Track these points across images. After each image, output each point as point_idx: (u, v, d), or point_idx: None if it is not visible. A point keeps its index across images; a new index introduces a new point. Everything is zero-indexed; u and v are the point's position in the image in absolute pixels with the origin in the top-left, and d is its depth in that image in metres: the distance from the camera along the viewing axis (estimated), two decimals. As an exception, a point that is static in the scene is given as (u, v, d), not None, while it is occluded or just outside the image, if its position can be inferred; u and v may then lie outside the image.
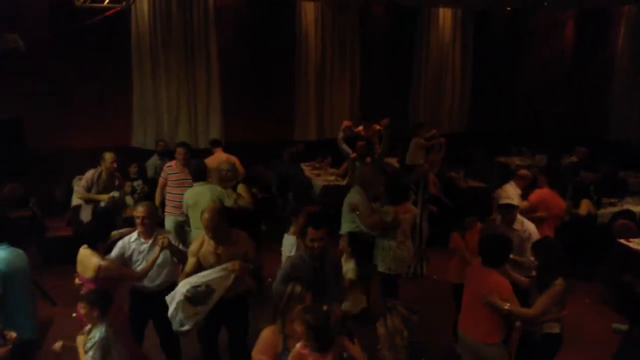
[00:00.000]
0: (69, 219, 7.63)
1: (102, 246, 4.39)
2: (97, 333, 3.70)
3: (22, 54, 8.14)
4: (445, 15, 11.69)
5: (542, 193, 6.07)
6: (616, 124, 10.34)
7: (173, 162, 6.80)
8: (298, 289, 3.37)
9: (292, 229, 5.12)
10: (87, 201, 6.80)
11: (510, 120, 11.91)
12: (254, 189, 7.35)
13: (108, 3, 8.36)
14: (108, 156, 6.77)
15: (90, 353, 3.66)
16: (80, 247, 4.37)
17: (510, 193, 6.02)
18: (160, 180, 6.83)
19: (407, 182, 8.94)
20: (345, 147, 7.43)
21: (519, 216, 5.13)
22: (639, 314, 5.64)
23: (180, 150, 6.76)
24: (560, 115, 11.36)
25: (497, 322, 3.98)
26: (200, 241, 4.38)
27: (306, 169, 9.39)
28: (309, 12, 10.61)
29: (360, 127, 8.82)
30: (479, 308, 4.00)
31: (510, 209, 5.08)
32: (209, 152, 9.89)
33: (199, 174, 5.99)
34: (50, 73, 8.77)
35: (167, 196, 6.59)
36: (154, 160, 8.74)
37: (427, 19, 11.58)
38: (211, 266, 4.22)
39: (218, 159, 7.59)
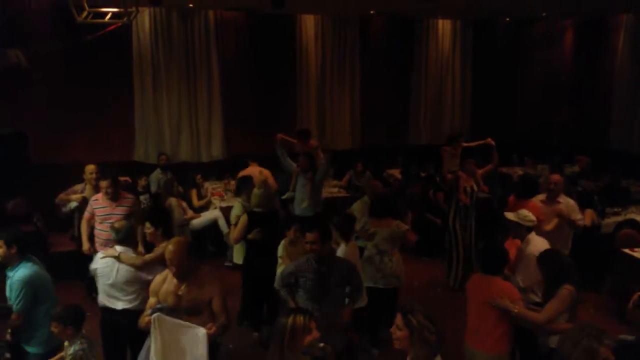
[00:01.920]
0: (73, 234, 7.61)
1: None
2: (73, 347, 3.75)
3: (24, 69, 8.20)
4: (444, 26, 11.76)
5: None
6: (617, 133, 10.35)
7: (99, 195, 5.96)
8: (300, 319, 3.18)
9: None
10: (60, 204, 6.85)
11: (511, 130, 11.91)
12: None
13: (110, 19, 8.40)
14: (88, 168, 6.66)
15: None
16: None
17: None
18: (85, 215, 6.07)
19: (410, 194, 9.01)
20: (288, 160, 7.21)
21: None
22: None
23: (104, 184, 5.87)
24: (561, 124, 11.37)
25: (504, 333, 3.96)
26: (162, 277, 3.93)
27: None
28: (309, 25, 10.68)
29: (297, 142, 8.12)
30: (487, 318, 3.98)
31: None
32: (209, 166, 9.94)
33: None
34: (52, 88, 8.84)
35: (95, 232, 5.90)
36: (156, 174, 8.74)
37: (426, 29, 11.64)
38: (169, 309, 3.74)
39: (251, 172, 7.62)
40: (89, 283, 6.68)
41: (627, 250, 6.50)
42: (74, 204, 6.74)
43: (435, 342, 2.96)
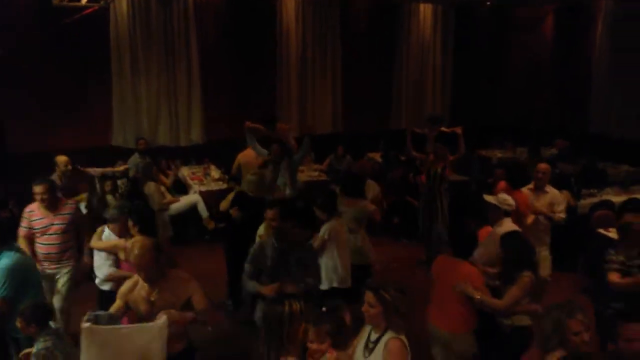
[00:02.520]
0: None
1: None
2: (36, 346, 3.64)
3: (2, 56, 8.06)
4: (425, 10, 11.74)
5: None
6: (596, 117, 10.45)
7: (34, 206, 5.11)
8: (297, 305, 3.04)
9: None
10: None
11: (491, 114, 12.00)
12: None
13: (87, 2, 8.29)
14: (60, 159, 6.51)
15: None
16: None
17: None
18: (21, 231, 5.06)
19: (390, 177, 9.04)
20: (259, 147, 7.04)
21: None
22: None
23: (39, 190, 5.01)
24: (541, 108, 11.46)
25: (468, 312, 4.01)
26: (133, 282, 3.60)
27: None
28: (289, 9, 10.59)
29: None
30: (450, 299, 4.04)
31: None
32: (188, 151, 9.87)
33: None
34: (28, 74, 8.68)
35: (36, 247, 5.09)
36: (134, 159, 8.66)
37: (407, 14, 11.61)
38: (141, 318, 3.47)
39: (250, 154, 7.58)
40: None
41: (601, 231, 6.58)
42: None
43: (406, 312, 3.01)
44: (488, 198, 4.98)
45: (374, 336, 3.10)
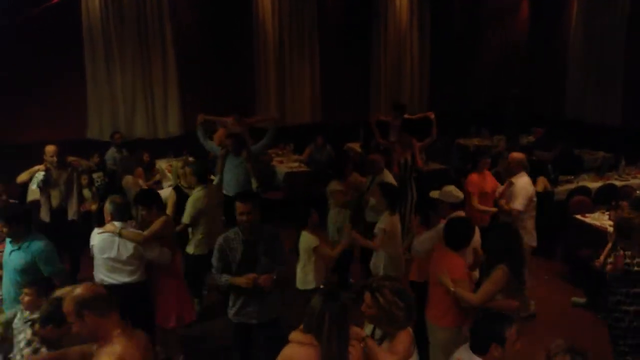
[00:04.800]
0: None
1: None
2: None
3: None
4: (402, -3, 11.71)
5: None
6: (571, 104, 10.57)
7: None
8: (348, 297, 2.90)
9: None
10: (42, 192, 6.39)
11: (469, 102, 12.07)
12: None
13: (56, -10, 8.09)
14: (48, 149, 6.37)
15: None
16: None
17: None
18: None
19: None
20: (210, 142, 6.98)
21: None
22: (596, 288, 5.85)
23: None
24: (517, 96, 11.55)
25: (451, 305, 3.94)
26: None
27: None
28: (265, -3, 10.46)
29: (230, 119, 7.80)
30: (436, 290, 4.04)
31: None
32: (166, 143, 9.74)
33: (204, 176, 5.80)
34: (0, 65, 8.43)
35: None
36: (112, 153, 8.53)
37: (383, 2, 11.56)
38: None
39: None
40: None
41: (579, 216, 6.69)
42: (40, 174, 6.30)
43: (405, 317, 2.96)
44: (432, 194, 4.97)
45: (378, 333, 3.11)
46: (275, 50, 10.72)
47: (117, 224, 4.54)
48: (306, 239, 4.85)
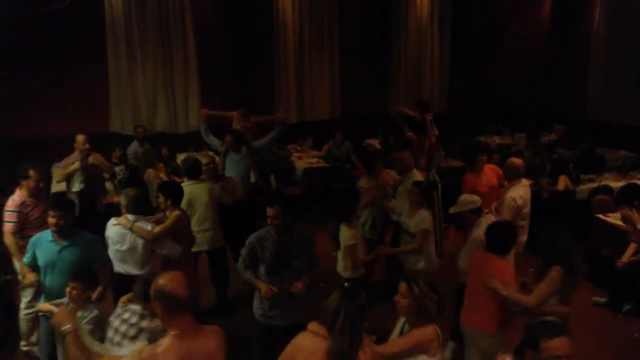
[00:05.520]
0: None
1: None
2: (89, 313, 3.73)
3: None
4: (422, -7, 11.65)
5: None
6: (593, 102, 10.44)
7: (24, 197, 4.94)
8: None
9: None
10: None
11: (489, 99, 11.97)
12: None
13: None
14: (79, 138, 6.65)
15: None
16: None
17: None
18: (10, 227, 4.83)
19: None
20: (212, 138, 7.00)
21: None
22: (618, 287, 5.81)
23: (33, 174, 4.92)
24: (539, 94, 11.45)
25: (497, 311, 3.87)
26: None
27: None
28: (286, -6, 10.49)
29: (236, 113, 8.10)
30: (479, 296, 3.95)
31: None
32: (186, 137, 9.83)
33: (194, 171, 5.63)
34: (25, 59, 8.58)
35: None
36: (134, 147, 8.61)
37: (404, -2, 11.51)
38: None
39: None
40: None
41: (600, 216, 6.62)
42: (77, 165, 6.58)
43: (435, 311, 3.04)
44: (452, 210, 4.83)
45: (407, 328, 3.17)
46: (295, 46, 10.74)
47: (130, 217, 4.59)
48: (345, 234, 4.92)
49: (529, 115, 10.80)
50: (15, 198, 4.93)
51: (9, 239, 4.82)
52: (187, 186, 5.44)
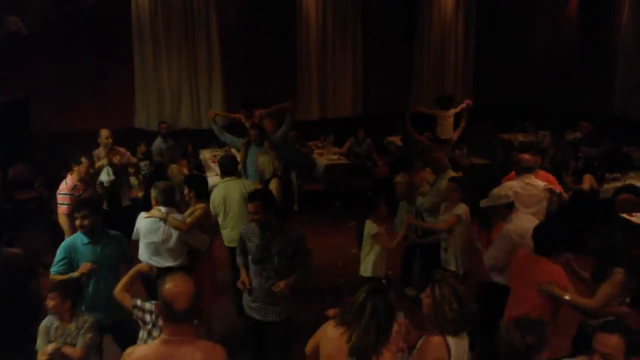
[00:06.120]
0: (75, 200, 7.68)
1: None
2: (83, 323, 3.69)
3: (25, 36, 8.20)
4: (447, -11, 11.56)
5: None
6: (621, 99, 10.27)
7: (75, 181, 5.55)
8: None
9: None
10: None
11: (513, 96, 11.82)
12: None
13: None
14: (103, 132, 6.83)
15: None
16: None
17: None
18: (64, 209, 5.39)
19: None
20: (228, 136, 7.05)
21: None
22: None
23: (85, 161, 5.64)
24: (564, 91, 11.29)
25: (546, 315, 3.65)
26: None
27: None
28: (309, -12, 10.50)
29: (239, 115, 8.19)
30: (526, 301, 3.74)
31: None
32: (209, 133, 9.92)
33: (229, 168, 5.64)
34: (52, 55, 8.81)
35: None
36: (158, 143, 8.74)
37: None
38: None
39: None
40: None
41: (625, 215, 6.52)
42: (105, 161, 6.76)
43: (453, 321, 2.83)
44: (483, 203, 4.69)
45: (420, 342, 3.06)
46: (317, 43, 10.75)
47: (163, 209, 4.63)
48: (368, 226, 4.89)
49: (554, 112, 10.66)
50: (68, 182, 5.44)
51: (63, 220, 5.31)
52: (223, 183, 5.54)
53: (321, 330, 2.98)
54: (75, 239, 4.16)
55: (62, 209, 5.33)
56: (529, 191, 5.25)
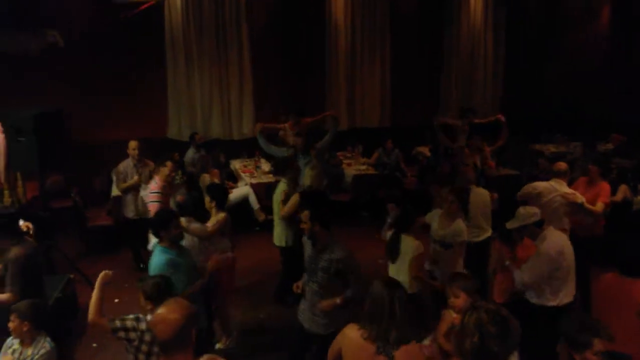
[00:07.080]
0: (109, 209, 7.89)
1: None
2: (39, 349, 3.66)
3: (64, 49, 8.50)
4: (476, 0, 11.54)
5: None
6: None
7: (162, 182, 5.99)
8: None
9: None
10: (126, 190, 6.97)
11: (544, 106, 11.71)
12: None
13: (143, -3, 8.64)
14: (131, 144, 7.02)
15: None
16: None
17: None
18: (156, 206, 5.74)
19: (439, 171, 8.99)
20: (273, 147, 7.13)
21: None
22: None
23: (169, 164, 6.14)
24: (595, 101, 11.14)
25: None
26: None
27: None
28: (339, 0, 10.61)
29: (288, 124, 8.24)
30: (621, 327, 3.41)
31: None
32: (240, 144, 10.10)
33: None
34: (89, 67, 9.08)
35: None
36: (190, 153, 8.91)
37: (457, 4, 11.44)
38: None
39: None
40: (137, 253, 6.99)
41: (658, 228, 6.41)
42: (136, 178, 6.94)
43: (471, 353, 2.46)
44: (509, 225, 4.45)
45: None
46: (346, 54, 10.85)
47: (183, 219, 4.74)
48: (407, 243, 4.65)
49: (585, 124, 10.52)
50: (158, 182, 5.91)
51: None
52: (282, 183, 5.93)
53: (341, 334, 3.04)
54: (162, 254, 4.16)
55: (153, 207, 5.73)
56: (549, 193, 5.54)
